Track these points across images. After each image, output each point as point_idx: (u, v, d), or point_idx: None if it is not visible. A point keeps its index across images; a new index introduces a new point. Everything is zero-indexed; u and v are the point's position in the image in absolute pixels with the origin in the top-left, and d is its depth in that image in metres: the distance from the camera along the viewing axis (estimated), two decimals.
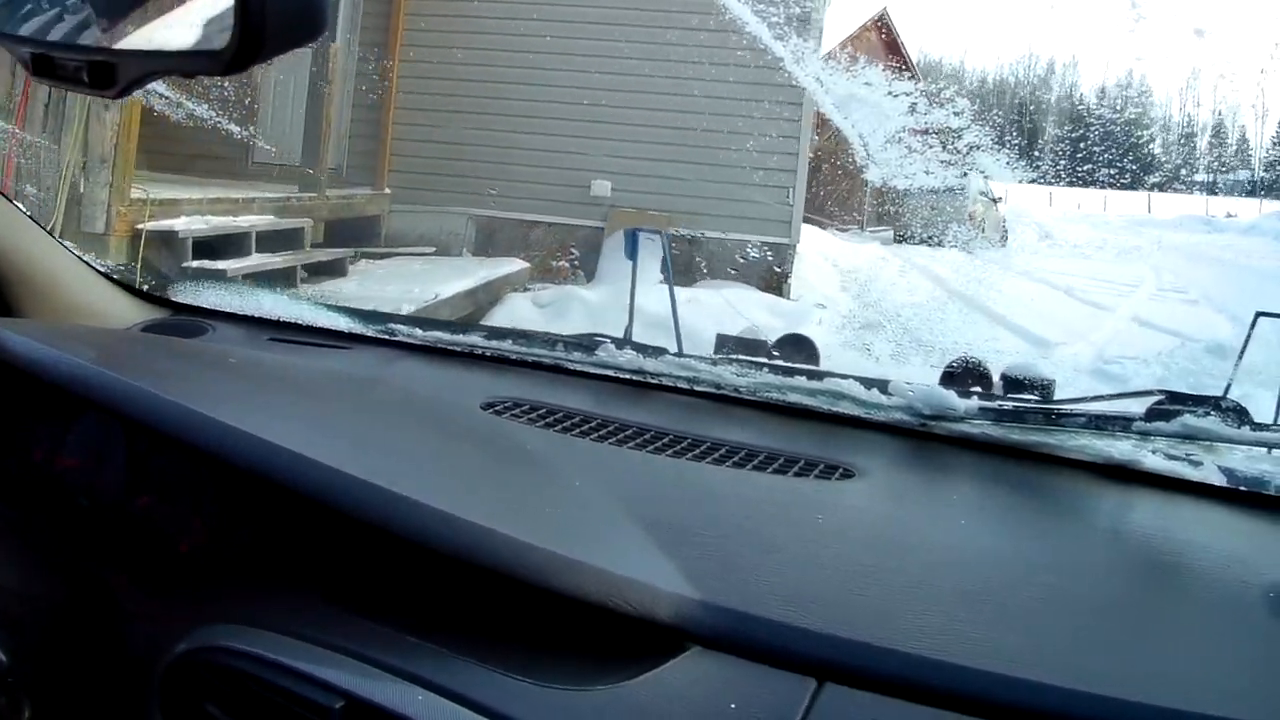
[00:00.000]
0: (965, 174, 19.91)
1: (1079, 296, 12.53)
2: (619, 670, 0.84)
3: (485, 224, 11.53)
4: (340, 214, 10.38)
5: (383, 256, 10.68)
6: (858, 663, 0.85)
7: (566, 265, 11.35)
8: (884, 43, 19.73)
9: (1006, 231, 20.56)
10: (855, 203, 22.38)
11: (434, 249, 11.14)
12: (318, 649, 0.85)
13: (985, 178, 18.42)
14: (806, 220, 18.47)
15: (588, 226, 11.51)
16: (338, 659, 0.85)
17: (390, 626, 0.90)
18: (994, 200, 20.02)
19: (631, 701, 0.82)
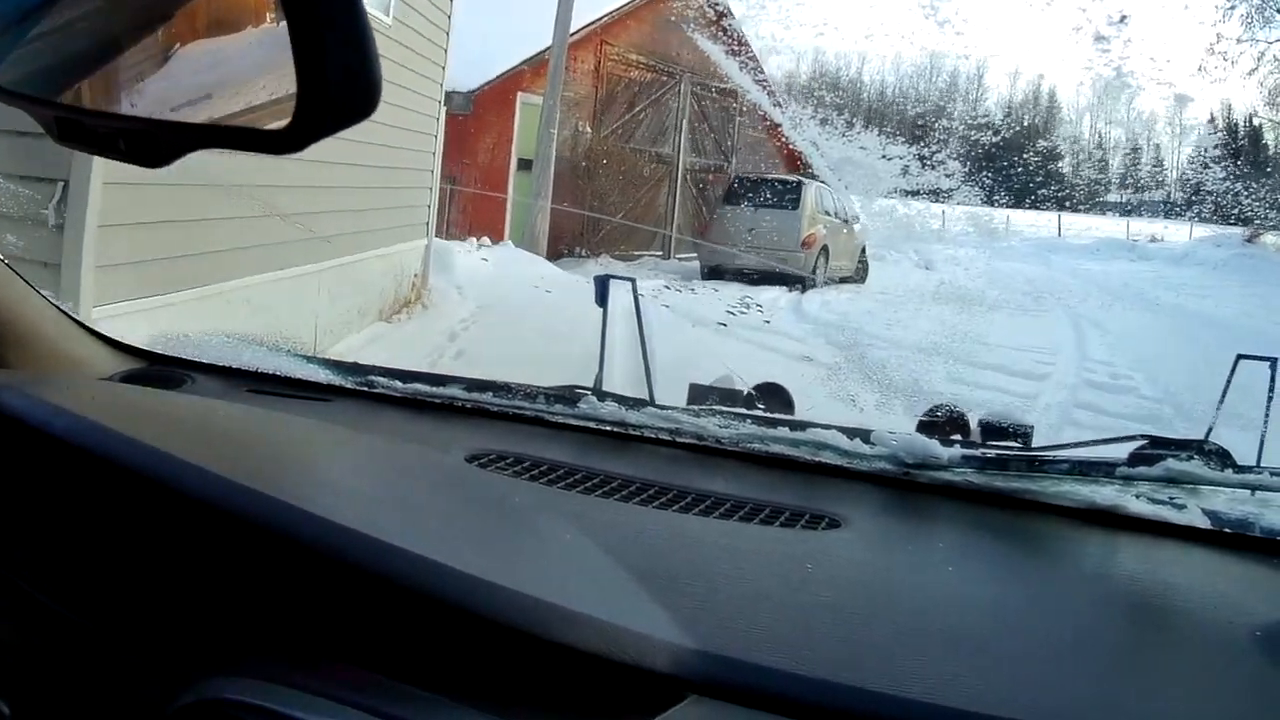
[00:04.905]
0: (798, 184, 15.92)
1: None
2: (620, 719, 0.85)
3: None
4: None
5: None
6: (854, 708, 0.86)
7: None
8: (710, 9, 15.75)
9: (867, 262, 16.82)
10: (655, 222, 17.80)
11: None
12: (323, 701, 0.85)
13: (836, 191, 15.28)
14: (558, 253, 14.86)
15: None
16: (344, 710, 0.85)
17: (392, 678, 0.90)
18: (847, 220, 16.31)
19: None
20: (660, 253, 17.50)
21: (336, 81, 0.71)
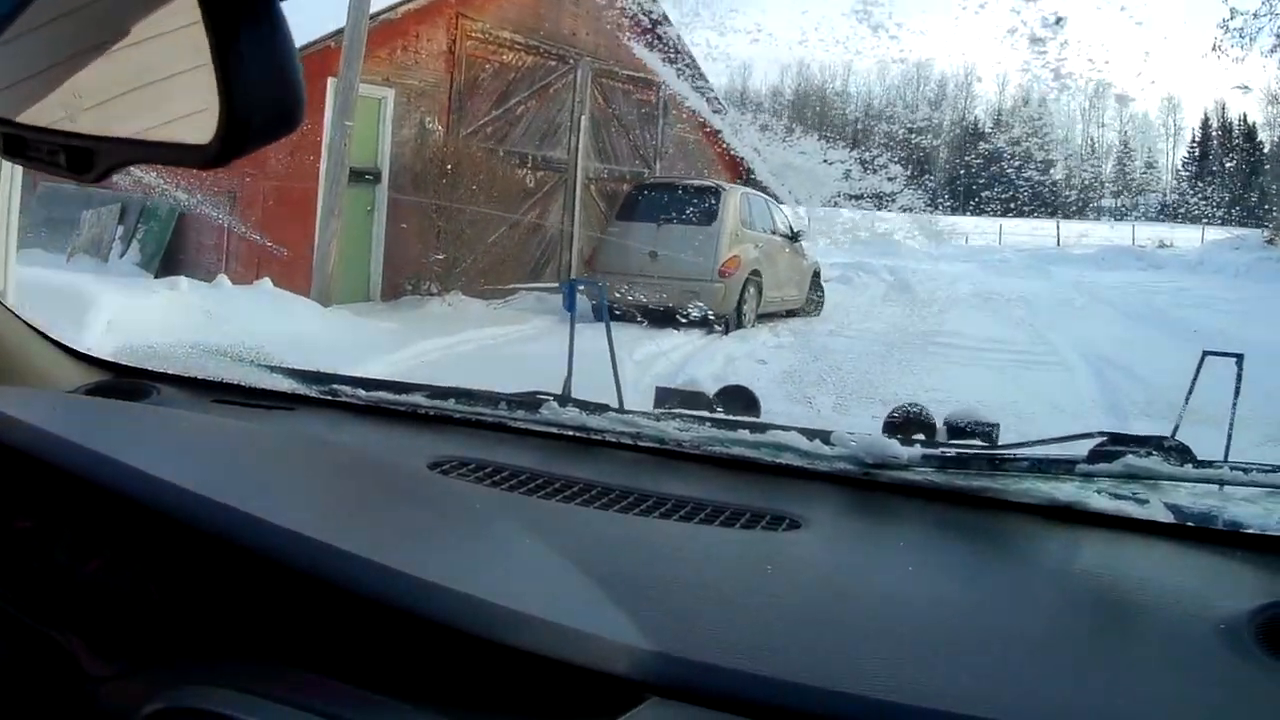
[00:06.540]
0: (716, 191, 12.30)
1: None
2: None
3: None
4: None
5: None
6: (815, 708, 0.86)
7: None
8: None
9: (822, 288, 13.37)
10: (546, 245, 13.65)
11: None
12: (286, 709, 0.85)
13: (774, 198, 12.17)
14: (399, 290, 11.04)
15: None
16: (307, 718, 0.85)
17: (356, 685, 0.91)
18: (790, 236, 12.86)
19: None
20: (555, 284, 13.20)
21: (258, 98, 0.72)
